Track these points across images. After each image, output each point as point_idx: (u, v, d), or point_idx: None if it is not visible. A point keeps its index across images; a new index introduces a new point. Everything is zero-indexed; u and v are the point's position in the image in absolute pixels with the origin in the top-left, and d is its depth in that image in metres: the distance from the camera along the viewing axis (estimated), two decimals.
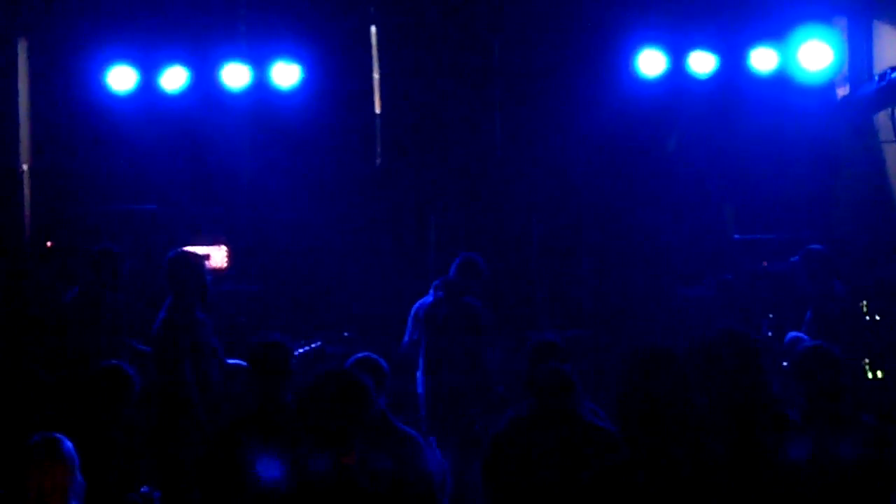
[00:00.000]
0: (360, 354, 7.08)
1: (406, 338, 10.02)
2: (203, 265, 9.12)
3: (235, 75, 12.05)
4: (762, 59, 11.95)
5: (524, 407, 6.76)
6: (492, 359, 9.91)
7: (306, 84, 12.09)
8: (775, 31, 11.93)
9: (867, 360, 10.06)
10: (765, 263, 11.44)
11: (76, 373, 7.76)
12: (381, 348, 9.82)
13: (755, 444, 4.92)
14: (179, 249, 9.24)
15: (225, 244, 12.00)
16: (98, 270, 9.67)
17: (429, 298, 9.88)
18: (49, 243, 12.17)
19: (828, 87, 12.33)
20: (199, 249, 11.40)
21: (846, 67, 12.55)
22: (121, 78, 12.02)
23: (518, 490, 6.56)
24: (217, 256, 11.88)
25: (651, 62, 11.96)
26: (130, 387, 7.10)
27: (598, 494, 4.49)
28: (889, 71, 11.59)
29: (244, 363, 8.29)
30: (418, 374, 9.92)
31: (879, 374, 10.15)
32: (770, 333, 10.14)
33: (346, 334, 10.28)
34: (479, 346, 9.79)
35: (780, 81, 11.98)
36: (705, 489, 4.45)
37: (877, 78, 11.99)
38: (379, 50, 12.61)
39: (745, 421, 4.96)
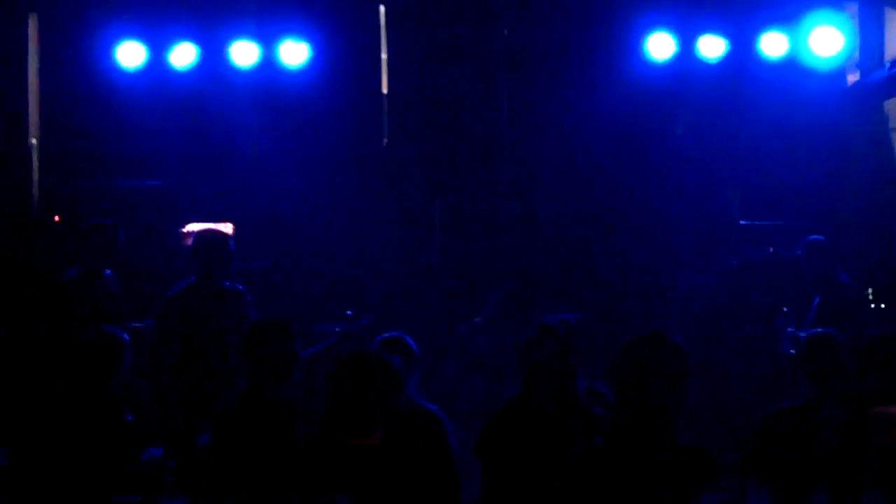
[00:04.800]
0: (388, 334, 7.02)
1: None
2: (229, 241, 9.23)
3: (244, 53, 12.03)
4: (772, 44, 11.91)
5: (518, 388, 6.81)
6: None
7: (314, 63, 12.08)
8: (786, 16, 11.89)
9: None
10: (771, 250, 11.42)
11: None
12: (383, 328, 9.82)
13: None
14: (205, 227, 9.37)
15: (230, 221, 12.01)
16: (90, 246, 9.61)
17: None
18: (57, 218, 12.20)
19: (838, 74, 12.27)
20: (205, 227, 11.48)
21: (857, 54, 12.49)
22: (130, 54, 12.01)
23: (510, 471, 6.62)
24: None
25: (660, 46, 11.92)
26: (123, 350, 7.23)
27: (576, 477, 4.51)
28: None
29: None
30: None
31: None
32: (780, 322, 10.10)
33: (349, 313, 10.24)
34: None
35: (790, 67, 11.94)
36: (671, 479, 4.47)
37: (888, 65, 11.96)
38: (387, 30, 12.57)
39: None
